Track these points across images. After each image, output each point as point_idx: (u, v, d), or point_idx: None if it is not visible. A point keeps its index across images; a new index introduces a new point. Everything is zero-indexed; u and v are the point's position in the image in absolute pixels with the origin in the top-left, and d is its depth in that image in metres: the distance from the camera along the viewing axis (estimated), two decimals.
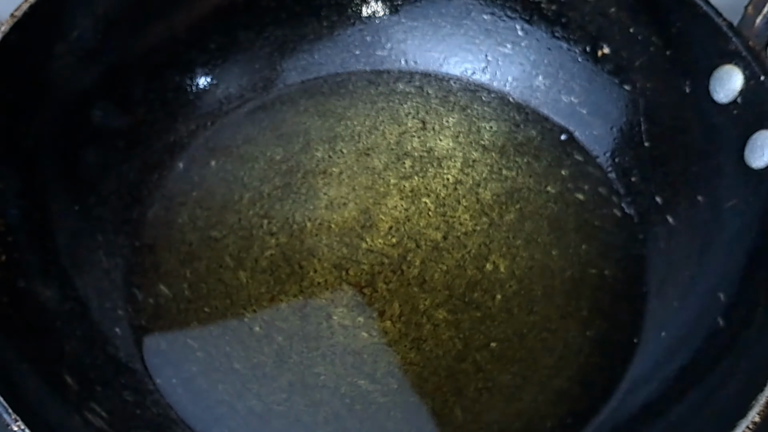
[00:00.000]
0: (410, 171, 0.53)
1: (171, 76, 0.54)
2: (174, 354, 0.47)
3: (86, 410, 0.43)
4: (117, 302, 0.49)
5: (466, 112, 0.55)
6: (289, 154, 0.53)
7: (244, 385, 0.46)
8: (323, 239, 0.50)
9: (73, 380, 0.44)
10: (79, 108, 0.50)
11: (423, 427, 0.46)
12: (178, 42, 0.53)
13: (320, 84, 0.56)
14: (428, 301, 0.49)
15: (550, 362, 0.47)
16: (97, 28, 0.50)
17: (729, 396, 0.40)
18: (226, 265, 0.50)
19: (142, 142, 0.53)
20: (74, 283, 0.48)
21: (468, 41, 0.56)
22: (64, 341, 0.45)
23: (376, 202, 0.52)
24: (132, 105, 0.52)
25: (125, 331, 0.48)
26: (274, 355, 0.47)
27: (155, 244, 0.51)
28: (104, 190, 0.51)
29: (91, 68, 0.50)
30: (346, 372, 0.47)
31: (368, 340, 0.48)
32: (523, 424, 0.46)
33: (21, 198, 0.47)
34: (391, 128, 0.54)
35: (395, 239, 0.50)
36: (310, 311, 0.48)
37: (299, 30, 0.56)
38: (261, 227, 0.51)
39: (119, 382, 0.46)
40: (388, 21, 0.56)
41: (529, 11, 0.54)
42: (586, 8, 0.53)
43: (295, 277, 0.49)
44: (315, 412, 0.46)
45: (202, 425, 0.46)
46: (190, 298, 0.49)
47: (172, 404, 0.46)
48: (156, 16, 0.52)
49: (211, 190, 0.52)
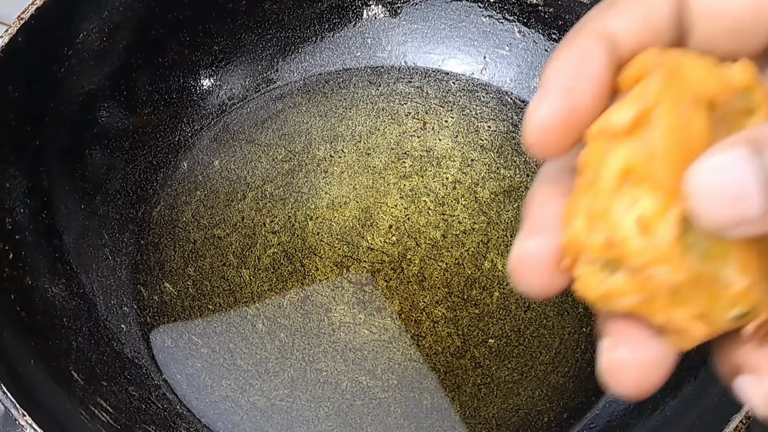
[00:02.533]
0: (410, 170, 0.53)
1: (175, 77, 0.54)
2: (179, 350, 0.48)
3: (92, 405, 0.44)
4: (123, 299, 0.49)
5: (465, 112, 0.55)
6: (291, 154, 0.53)
7: (247, 380, 0.47)
8: (324, 237, 0.51)
9: (79, 375, 0.44)
10: (85, 109, 0.50)
11: (422, 422, 0.46)
12: (182, 44, 0.54)
13: (322, 84, 0.56)
14: (427, 298, 0.49)
15: (547, 358, 0.47)
16: (102, 30, 0.50)
17: (723, 391, 0.40)
18: (230, 263, 0.50)
19: (147, 143, 0.53)
20: (81, 280, 0.48)
21: (467, 43, 0.56)
22: (71, 337, 0.46)
23: (377, 201, 0.52)
24: (137, 106, 0.53)
25: (131, 327, 0.48)
26: (276, 351, 0.48)
27: (160, 243, 0.51)
28: (110, 189, 0.51)
29: (96, 70, 0.50)
30: (347, 368, 0.47)
31: (369, 336, 0.48)
32: (521, 418, 0.46)
33: (28, 197, 0.47)
34: (391, 128, 0.54)
35: (395, 237, 0.51)
36: (312, 308, 0.49)
37: (301, 32, 0.56)
38: (263, 226, 0.51)
39: (125, 378, 0.46)
40: (388, 23, 0.57)
41: (527, 14, 0.55)
42: (582, 11, 0.53)
43: (297, 274, 0.50)
44: (317, 407, 0.46)
45: (206, 420, 0.46)
46: (194, 296, 0.49)
47: (177, 399, 0.47)
48: (160, 18, 0.52)
49: (214, 189, 0.52)
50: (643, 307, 0.24)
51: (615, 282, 0.24)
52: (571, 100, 0.23)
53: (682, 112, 0.23)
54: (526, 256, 0.25)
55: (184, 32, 0.53)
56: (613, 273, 0.24)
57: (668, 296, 0.23)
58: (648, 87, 0.23)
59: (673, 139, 0.23)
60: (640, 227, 0.23)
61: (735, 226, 0.22)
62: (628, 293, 0.24)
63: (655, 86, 0.23)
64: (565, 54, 0.24)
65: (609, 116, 0.23)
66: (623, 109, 0.23)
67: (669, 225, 0.23)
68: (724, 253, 0.23)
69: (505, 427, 0.46)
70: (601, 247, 0.23)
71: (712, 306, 0.24)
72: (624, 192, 0.23)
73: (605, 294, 0.24)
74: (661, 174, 0.23)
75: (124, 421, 0.44)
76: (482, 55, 0.56)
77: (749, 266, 0.24)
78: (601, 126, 0.23)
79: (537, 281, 0.25)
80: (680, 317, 0.24)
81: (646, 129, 0.23)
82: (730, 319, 0.24)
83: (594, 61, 0.23)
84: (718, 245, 0.23)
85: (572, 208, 0.24)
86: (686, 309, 0.24)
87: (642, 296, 0.24)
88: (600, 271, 0.24)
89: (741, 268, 0.23)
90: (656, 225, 0.23)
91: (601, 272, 0.24)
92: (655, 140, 0.23)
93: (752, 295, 0.24)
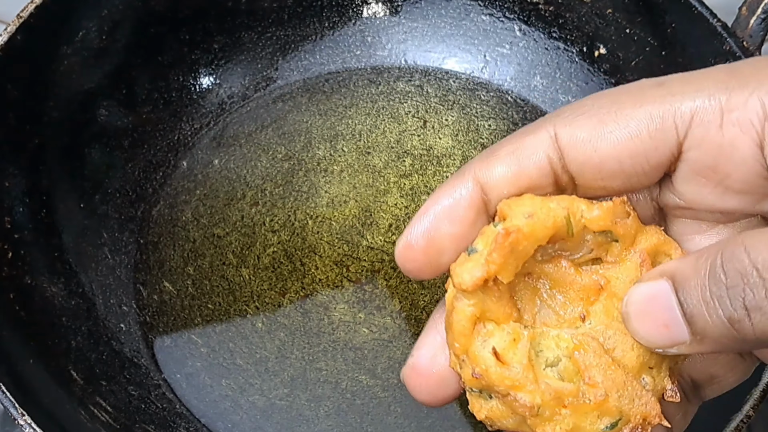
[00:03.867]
0: (410, 169, 0.53)
1: (175, 76, 0.54)
2: (178, 349, 0.48)
3: (92, 404, 0.44)
4: (122, 298, 0.49)
5: (465, 111, 0.55)
6: (290, 153, 0.53)
7: (247, 380, 0.47)
8: (324, 236, 0.51)
9: (78, 375, 0.45)
10: (85, 107, 0.50)
11: (422, 421, 0.46)
12: (182, 42, 0.54)
13: (321, 83, 0.56)
14: (427, 297, 0.49)
15: None
16: (102, 28, 0.50)
17: None
18: (229, 262, 0.50)
19: (147, 141, 0.53)
20: (80, 279, 0.48)
21: (467, 41, 0.56)
22: (70, 337, 0.46)
23: (377, 199, 0.52)
24: (137, 104, 0.53)
25: (130, 327, 0.48)
26: (276, 350, 0.48)
27: (159, 242, 0.51)
28: (109, 188, 0.51)
29: (96, 68, 0.50)
30: (347, 367, 0.47)
31: (369, 335, 0.48)
32: None
33: (27, 196, 0.47)
34: (391, 127, 0.54)
35: (395, 236, 0.51)
36: (312, 307, 0.49)
37: (301, 30, 0.56)
38: (263, 225, 0.51)
39: (124, 377, 0.46)
40: (388, 21, 0.57)
41: (527, 12, 0.55)
42: (582, 9, 0.53)
43: (297, 273, 0.50)
44: (316, 406, 0.46)
45: (205, 419, 0.46)
46: (194, 295, 0.49)
47: (177, 399, 0.47)
48: (160, 16, 0.52)
49: (214, 188, 0.52)
50: (522, 427, 0.27)
51: (492, 406, 0.27)
52: (435, 226, 0.28)
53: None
54: (415, 365, 0.29)
55: (183, 31, 0.53)
56: (489, 399, 0.27)
57: (537, 416, 0.26)
58: (484, 237, 0.27)
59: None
60: (496, 359, 0.26)
61: (670, 346, 0.25)
62: (505, 416, 0.27)
63: (493, 251, 0.26)
64: (443, 191, 0.28)
65: (458, 272, 0.27)
66: (466, 271, 0.26)
67: (520, 354, 0.26)
68: (578, 370, 0.26)
69: None
70: (471, 380, 0.26)
71: (581, 421, 0.26)
72: (477, 331, 0.26)
73: (488, 417, 0.27)
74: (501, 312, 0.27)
75: (124, 420, 0.44)
76: (482, 53, 0.56)
77: (605, 380, 0.26)
78: (453, 279, 0.27)
79: (425, 389, 0.29)
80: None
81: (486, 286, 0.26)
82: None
83: (461, 201, 0.28)
84: (572, 364, 0.27)
85: (447, 339, 0.28)
86: (558, 426, 0.26)
87: (516, 418, 0.27)
88: (478, 397, 0.27)
89: (596, 385, 0.26)
90: (508, 355, 0.26)
91: (479, 398, 0.27)
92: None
93: (615, 405, 0.26)
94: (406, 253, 0.28)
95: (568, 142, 0.27)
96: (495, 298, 0.26)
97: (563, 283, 0.28)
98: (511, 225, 0.26)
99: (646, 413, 0.26)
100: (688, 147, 0.26)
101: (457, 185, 0.28)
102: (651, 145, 0.26)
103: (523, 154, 0.27)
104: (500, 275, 0.26)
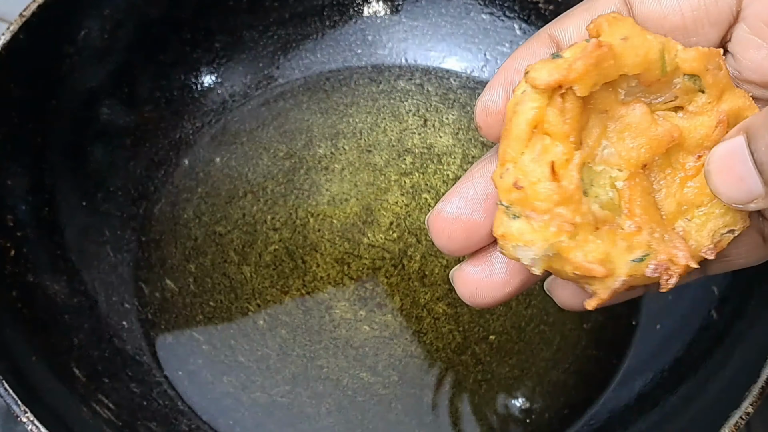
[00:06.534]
0: (411, 167, 0.53)
1: (177, 74, 0.54)
2: (180, 347, 0.48)
3: (94, 402, 0.44)
4: (124, 296, 0.49)
5: (466, 109, 0.55)
6: (292, 151, 0.54)
7: (248, 377, 0.47)
8: (325, 234, 0.51)
9: (81, 372, 0.45)
10: (87, 106, 0.50)
11: (423, 418, 0.46)
12: (183, 41, 0.54)
13: (322, 82, 0.56)
14: (428, 294, 0.49)
15: (547, 354, 0.48)
16: (104, 27, 0.50)
17: (722, 387, 0.40)
18: (231, 260, 0.50)
19: (149, 140, 0.53)
20: (82, 277, 0.48)
21: (467, 40, 0.56)
22: (73, 334, 0.46)
23: (378, 197, 0.52)
24: (139, 103, 0.53)
25: (132, 324, 0.48)
26: (277, 348, 0.48)
27: (161, 239, 0.51)
28: (111, 186, 0.51)
29: (98, 67, 0.50)
30: (348, 364, 0.47)
31: (370, 333, 0.48)
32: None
33: (30, 194, 0.47)
34: (392, 125, 0.55)
35: (396, 234, 0.51)
36: (313, 305, 0.49)
37: (302, 29, 0.56)
38: (265, 222, 0.51)
39: (126, 375, 0.46)
40: (389, 20, 0.57)
41: (527, 11, 0.55)
42: None
43: (298, 271, 0.50)
44: (318, 403, 0.46)
45: (207, 416, 0.46)
46: (195, 292, 0.49)
47: (178, 396, 0.47)
48: (162, 15, 0.52)
49: (215, 186, 0.53)
50: (553, 261, 0.27)
51: (513, 226, 0.26)
52: (515, 82, 0.28)
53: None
54: (442, 210, 0.29)
55: (185, 30, 0.53)
56: (513, 219, 0.27)
57: (571, 240, 0.26)
58: (573, 48, 0.26)
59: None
60: (551, 172, 0.26)
61: (748, 200, 0.26)
62: (523, 238, 0.26)
63: (578, 59, 0.26)
64: (521, 50, 0.29)
65: (537, 68, 0.26)
66: (545, 69, 0.26)
67: (570, 175, 0.26)
68: (619, 203, 0.27)
69: (506, 423, 0.46)
70: (509, 189, 0.26)
71: (611, 249, 0.26)
72: (533, 143, 0.26)
73: (502, 235, 0.27)
74: (566, 128, 0.26)
75: (126, 417, 0.44)
76: (483, 52, 0.56)
77: (643, 215, 0.27)
78: (529, 74, 0.26)
79: (447, 233, 0.29)
80: (582, 260, 0.26)
81: (562, 92, 0.26)
82: (631, 264, 0.27)
83: (539, 58, 0.27)
84: (617, 195, 0.27)
85: (501, 146, 0.27)
86: (590, 253, 0.26)
87: (539, 245, 0.26)
88: (505, 214, 0.27)
89: (634, 216, 0.27)
90: (560, 173, 0.26)
91: (505, 215, 0.27)
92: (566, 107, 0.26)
93: (647, 239, 0.27)
94: (486, 110, 0.28)
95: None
96: (560, 113, 0.26)
97: (636, 129, 0.28)
98: (605, 40, 0.26)
99: (674, 255, 0.27)
100: (747, 3, 0.27)
101: (534, 44, 0.28)
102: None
103: (596, 11, 0.28)
104: (577, 85, 0.26)
